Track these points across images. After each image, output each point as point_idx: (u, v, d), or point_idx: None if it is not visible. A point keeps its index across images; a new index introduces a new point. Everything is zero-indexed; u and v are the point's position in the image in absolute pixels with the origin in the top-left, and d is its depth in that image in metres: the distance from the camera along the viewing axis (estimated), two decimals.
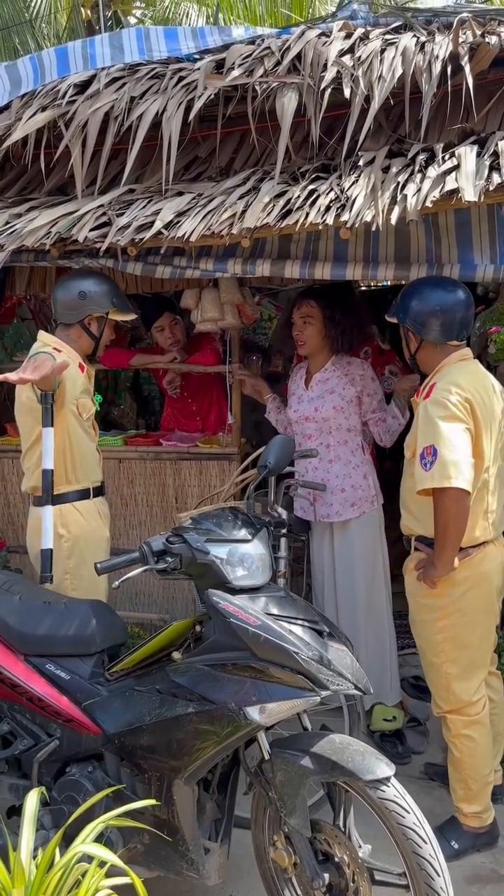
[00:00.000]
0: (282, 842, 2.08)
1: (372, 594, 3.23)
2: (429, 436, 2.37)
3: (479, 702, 2.58)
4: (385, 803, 1.90)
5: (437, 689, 2.61)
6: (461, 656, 2.54)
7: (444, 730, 2.64)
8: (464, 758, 2.57)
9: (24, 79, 3.51)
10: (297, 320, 3.18)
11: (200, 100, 3.02)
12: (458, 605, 2.50)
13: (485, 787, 2.60)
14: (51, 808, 2.25)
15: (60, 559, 2.79)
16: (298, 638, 2.01)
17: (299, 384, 3.30)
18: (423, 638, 2.62)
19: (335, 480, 3.19)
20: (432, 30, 3.10)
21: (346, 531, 3.23)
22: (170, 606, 3.89)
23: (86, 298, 2.83)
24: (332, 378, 3.19)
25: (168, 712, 2.08)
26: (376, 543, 3.27)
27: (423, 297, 2.54)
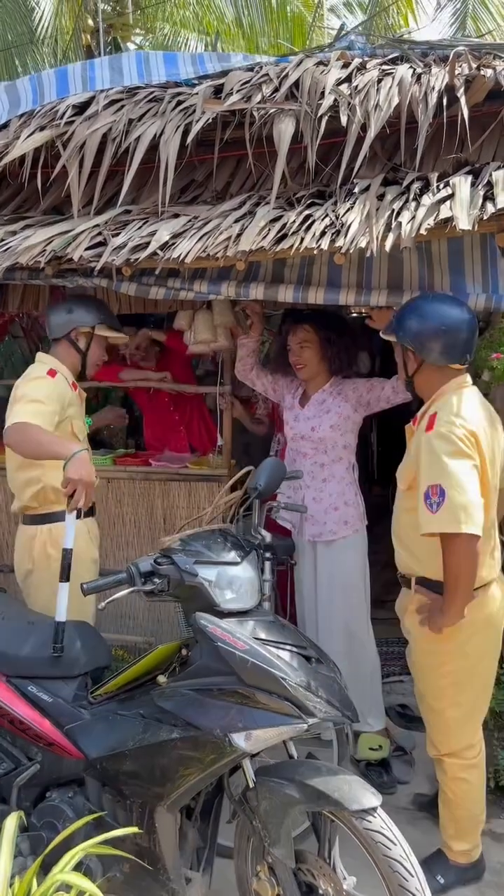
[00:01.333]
0: (265, 872, 2.03)
1: (354, 617, 3.21)
2: (434, 474, 2.21)
3: (477, 745, 2.52)
4: (371, 834, 1.86)
5: (436, 732, 2.53)
6: (464, 700, 2.44)
7: (438, 773, 2.58)
8: (457, 800, 2.51)
9: (24, 99, 3.54)
10: (295, 346, 3.19)
11: (198, 124, 3.05)
12: (463, 650, 2.38)
13: (476, 826, 2.56)
14: (29, 835, 2.21)
15: (48, 579, 2.74)
16: (286, 664, 1.99)
17: (294, 403, 3.30)
18: (425, 683, 2.51)
19: (329, 499, 3.18)
20: (429, 62, 3.16)
21: (330, 552, 3.21)
22: (155, 629, 3.85)
23: (72, 312, 2.92)
24: (328, 399, 3.20)
25: (152, 737, 2.04)
26: (360, 567, 3.25)
27: (425, 314, 2.36)
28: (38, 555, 2.84)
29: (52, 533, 2.81)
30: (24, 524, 2.90)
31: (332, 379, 3.23)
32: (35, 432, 2.58)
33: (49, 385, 2.78)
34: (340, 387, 3.21)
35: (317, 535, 3.22)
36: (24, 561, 2.87)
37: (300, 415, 3.25)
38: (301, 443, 3.23)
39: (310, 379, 3.24)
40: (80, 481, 2.43)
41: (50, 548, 2.79)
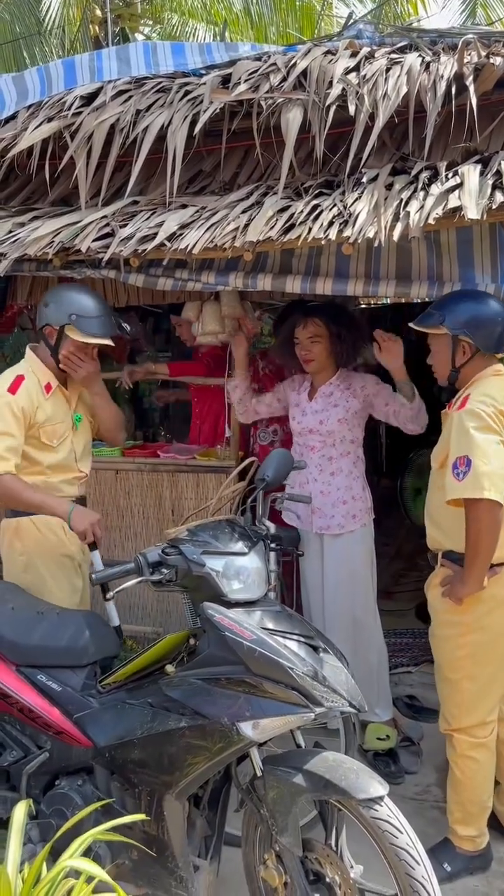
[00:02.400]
0: (272, 860, 2.05)
1: (361, 609, 3.22)
2: (462, 446, 2.34)
3: (490, 724, 2.54)
4: (378, 823, 1.87)
5: (450, 705, 2.57)
6: (480, 674, 2.50)
7: (448, 749, 2.61)
8: (465, 779, 2.54)
9: (31, 90, 3.53)
10: (304, 340, 3.16)
11: (206, 114, 3.04)
12: (482, 622, 2.46)
13: (482, 811, 2.57)
14: (39, 822, 2.23)
15: (16, 572, 2.75)
16: (293, 653, 2.00)
17: (303, 396, 3.29)
18: (442, 653, 2.58)
19: (337, 493, 3.19)
20: (437, 50, 3.13)
21: (337, 545, 3.22)
22: (164, 619, 3.87)
23: (47, 307, 2.73)
24: (335, 391, 3.19)
25: (160, 726, 2.06)
26: (368, 559, 3.26)
27: (480, 305, 2.50)
28: (5, 549, 2.80)
29: (18, 526, 2.77)
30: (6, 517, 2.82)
31: (339, 371, 3.23)
32: (17, 490, 2.60)
33: (8, 406, 2.63)
34: (348, 381, 3.21)
35: (324, 528, 3.22)
36: (6, 552, 2.81)
37: (308, 408, 3.24)
38: (309, 436, 3.23)
39: (316, 372, 3.23)
40: (90, 527, 2.60)
41: (16, 541, 2.77)
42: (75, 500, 2.84)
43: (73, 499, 2.83)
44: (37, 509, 2.66)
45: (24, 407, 2.66)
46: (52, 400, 2.78)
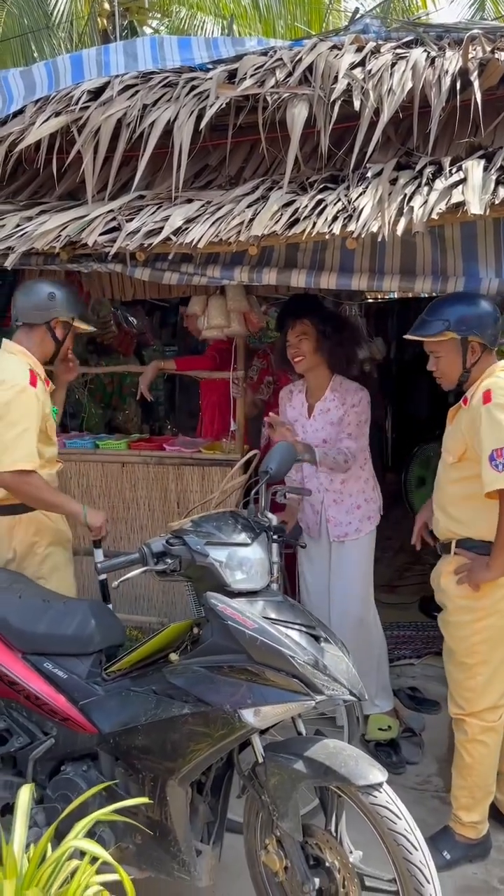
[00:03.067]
0: (273, 845, 2.08)
1: (362, 604, 3.27)
2: (499, 438, 2.38)
3: (500, 708, 2.59)
4: (377, 809, 1.90)
5: (462, 690, 2.61)
6: (494, 658, 2.55)
7: (457, 734, 2.65)
8: (475, 763, 2.58)
9: (39, 84, 3.56)
10: (293, 339, 3.19)
11: (212, 109, 3.06)
12: (498, 607, 2.52)
13: (487, 796, 2.62)
14: (44, 806, 2.27)
15: (34, 564, 2.83)
16: (295, 642, 2.03)
17: (301, 412, 3.31)
18: (457, 639, 2.62)
19: (350, 499, 3.22)
20: (443, 45, 3.14)
21: (346, 549, 3.26)
22: (169, 610, 3.90)
23: (54, 300, 2.79)
24: (332, 407, 3.22)
25: (164, 713, 2.09)
26: (370, 556, 3.31)
27: (479, 304, 2.57)
28: (20, 543, 2.83)
29: (34, 521, 2.83)
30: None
31: (332, 382, 3.24)
32: (38, 489, 2.72)
33: (32, 400, 2.71)
34: (343, 395, 3.21)
35: (341, 536, 3.25)
36: (4, 551, 2.83)
37: (308, 426, 3.27)
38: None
39: (308, 373, 3.25)
40: (103, 524, 2.85)
41: (34, 535, 2.84)
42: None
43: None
44: (56, 509, 2.80)
45: (41, 399, 2.76)
46: (47, 394, 2.88)
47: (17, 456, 2.64)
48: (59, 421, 3.12)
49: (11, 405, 2.66)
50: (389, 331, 7.07)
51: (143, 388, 4.06)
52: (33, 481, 2.69)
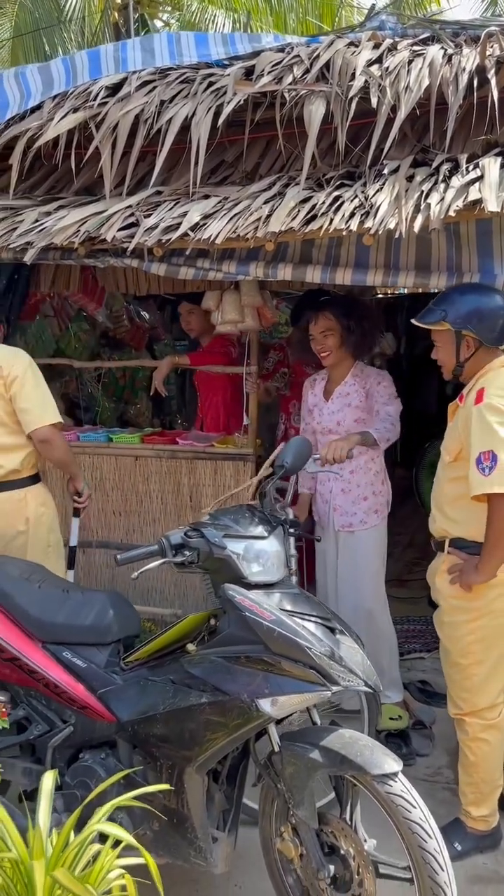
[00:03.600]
0: (289, 833, 2.12)
1: (373, 598, 3.29)
2: (486, 441, 2.37)
3: (499, 706, 2.60)
4: (392, 798, 1.94)
5: (459, 690, 2.63)
6: (489, 658, 2.55)
7: (459, 733, 2.66)
8: (478, 761, 2.59)
9: (57, 79, 3.58)
10: (317, 335, 3.21)
11: (229, 105, 3.08)
12: (491, 607, 2.51)
13: (494, 791, 2.64)
14: (63, 793, 2.30)
15: (44, 534, 3.02)
16: (311, 634, 2.06)
17: (319, 396, 3.34)
18: (451, 639, 2.62)
19: (357, 490, 3.24)
20: (459, 42, 3.15)
21: (353, 540, 3.28)
22: (182, 602, 3.94)
23: None
24: (351, 391, 3.24)
25: (181, 702, 2.12)
26: (381, 550, 3.33)
27: (481, 300, 2.54)
28: (33, 512, 3.01)
29: (41, 492, 3.09)
30: (3, 492, 2.99)
31: (354, 367, 3.27)
32: (66, 442, 3.12)
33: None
34: (364, 378, 3.24)
35: (346, 526, 3.27)
36: (16, 523, 2.99)
37: (325, 408, 3.29)
38: (328, 437, 3.25)
39: (334, 365, 3.27)
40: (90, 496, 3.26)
41: (41, 506, 3.05)
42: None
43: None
44: (70, 465, 3.13)
45: None
46: None
47: (53, 410, 2.96)
48: None
49: (30, 368, 2.95)
50: (399, 326, 7.08)
51: (157, 383, 4.09)
52: (63, 434, 3.04)
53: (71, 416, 5.06)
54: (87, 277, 4.25)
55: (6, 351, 3.01)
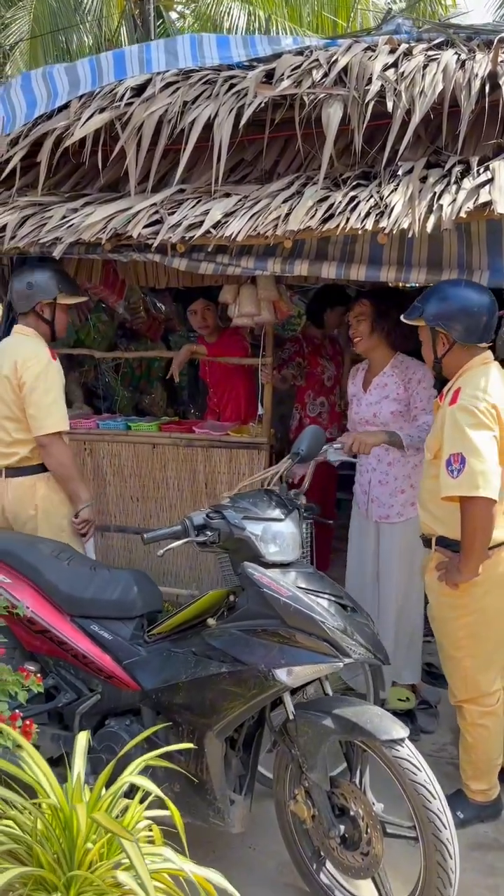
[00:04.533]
0: (302, 796, 2.27)
1: (409, 586, 3.34)
2: (456, 443, 2.41)
3: (495, 693, 2.71)
4: (399, 761, 2.08)
5: (455, 680, 2.74)
6: (480, 651, 2.64)
7: (459, 718, 2.79)
8: (476, 744, 2.72)
9: (83, 80, 3.70)
10: (352, 320, 3.30)
11: (250, 108, 3.20)
12: (479, 604, 2.58)
13: (492, 769, 2.77)
14: (90, 757, 2.45)
15: (57, 518, 3.17)
16: (325, 609, 2.20)
17: (358, 386, 3.40)
18: (443, 633, 2.72)
19: (395, 482, 3.28)
20: (473, 47, 3.26)
21: (394, 532, 3.32)
22: (197, 584, 4.08)
23: (33, 288, 3.14)
24: (389, 383, 3.27)
25: (203, 671, 2.27)
26: (418, 540, 3.37)
27: (455, 298, 2.57)
28: (42, 499, 3.16)
29: (50, 479, 3.17)
30: (16, 477, 3.16)
31: (393, 359, 3.29)
32: (68, 453, 3.16)
33: (58, 370, 3.16)
34: (404, 371, 3.26)
35: (383, 518, 3.33)
36: (27, 507, 3.15)
37: (363, 399, 3.34)
38: (365, 427, 3.32)
39: (367, 353, 3.33)
40: (91, 522, 3.23)
41: (51, 491, 3.16)
42: None
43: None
44: (70, 481, 3.15)
45: (60, 372, 3.15)
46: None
47: (56, 419, 3.05)
48: None
49: (41, 376, 3.05)
50: None
51: (174, 369, 4.24)
52: (65, 443, 3.09)
53: (90, 405, 5.19)
54: (108, 271, 4.37)
55: (27, 350, 3.13)
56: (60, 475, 3.14)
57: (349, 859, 2.22)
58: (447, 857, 2.04)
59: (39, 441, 3.08)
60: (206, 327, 4.39)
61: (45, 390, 3.06)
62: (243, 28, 10.84)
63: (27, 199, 3.58)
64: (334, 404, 4.53)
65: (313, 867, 2.37)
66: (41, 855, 1.69)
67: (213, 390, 4.73)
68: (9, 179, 3.72)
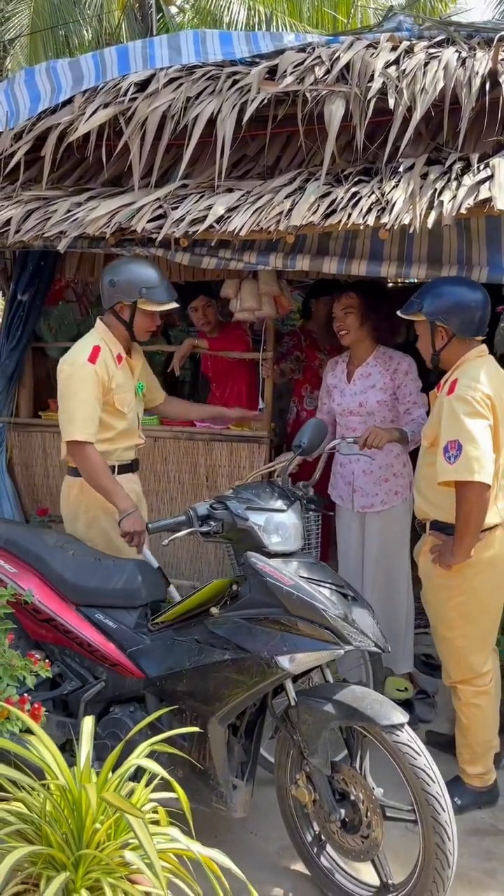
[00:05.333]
0: (303, 780, 2.32)
1: (397, 577, 3.39)
2: (453, 431, 2.53)
3: (488, 673, 2.78)
4: (399, 746, 2.13)
5: (448, 661, 2.82)
6: (472, 631, 2.73)
7: (454, 699, 2.86)
8: (471, 724, 2.78)
9: (87, 75, 3.73)
10: (339, 312, 3.32)
11: (253, 104, 3.23)
12: (471, 584, 2.68)
13: (488, 751, 2.83)
14: (95, 743, 2.48)
15: (83, 527, 3.01)
16: (326, 598, 2.25)
17: (341, 378, 3.43)
18: (437, 615, 2.81)
19: (379, 471, 3.32)
20: (473, 45, 3.29)
21: (378, 521, 3.36)
22: (198, 576, 4.12)
23: (114, 287, 2.95)
24: (374, 373, 3.31)
25: (206, 659, 2.32)
26: (406, 531, 3.39)
27: (454, 293, 2.68)
28: (72, 502, 3.06)
29: (86, 485, 2.97)
30: (66, 474, 3.13)
31: (376, 351, 3.34)
32: (92, 464, 2.87)
33: (89, 375, 2.88)
34: (387, 361, 3.31)
35: (367, 507, 3.36)
36: (67, 507, 3.10)
37: (346, 390, 3.37)
38: (350, 418, 3.36)
39: (353, 346, 3.37)
40: (134, 532, 2.85)
41: (80, 497, 3.02)
42: (130, 463, 3.16)
43: (126, 461, 3.12)
44: (103, 491, 2.90)
45: (102, 376, 2.92)
46: (122, 370, 3.04)
47: (75, 427, 2.86)
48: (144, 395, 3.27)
49: (70, 380, 2.89)
50: None
51: (176, 362, 4.27)
52: (88, 454, 2.86)
53: None
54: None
55: (73, 349, 2.99)
56: (90, 485, 2.93)
57: (349, 843, 2.27)
58: (446, 840, 2.09)
59: (66, 448, 2.94)
60: (208, 324, 4.41)
61: (71, 394, 2.89)
62: (243, 23, 10.86)
63: (31, 194, 3.60)
64: None
65: (314, 851, 2.42)
66: (50, 835, 1.73)
67: (215, 384, 4.76)
68: (13, 174, 3.74)
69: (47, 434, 4.33)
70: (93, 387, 2.89)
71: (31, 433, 4.35)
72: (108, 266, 3.08)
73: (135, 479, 3.23)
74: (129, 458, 3.15)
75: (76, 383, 2.88)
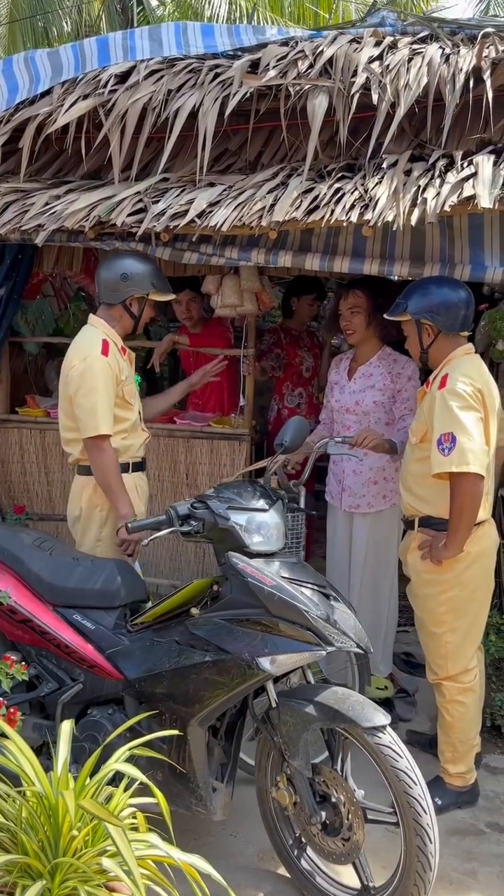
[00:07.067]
0: (284, 783, 2.29)
1: (382, 579, 3.37)
2: (447, 423, 2.56)
3: (473, 670, 2.80)
4: (381, 748, 2.11)
5: (435, 657, 2.81)
6: (461, 626, 2.74)
7: (437, 697, 2.85)
8: (455, 722, 2.78)
9: (66, 66, 3.66)
10: (345, 311, 3.28)
11: (235, 98, 3.19)
12: (460, 578, 2.70)
13: (470, 750, 2.83)
14: (73, 746, 2.44)
15: (94, 527, 2.97)
16: (308, 599, 2.22)
17: (342, 374, 3.40)
18: (425, 610, 2.81)
19: (368, 473, 3.29)
20: (457, 41, 3.27)
21: (366, 523, 3.34)
22: (178, 575, 4.08)
23: (127, 280, 2.91)
24: (375, 373, 3.28)
25: (186, 660, 2.28)
26: (394, 535, 3.38)
27: (439, 291, 2.72)
28: (86, 502, 3.00)
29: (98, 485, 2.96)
30: (77, 474, 3.07)
31: (381, 351, 3.31)
32: (108, 458, 2.87)
33: (104, 368, 2.87)
34: (391, 363, 3.28)
35: (354, 507, 3.34)
36: (74, 507, 3.05)
37: (346, 387, 3.35)
38: (346, 415, 3.34)
39: (359, 344, 3.33)
40: (129, 541, 2.88)
41: (96, 498, 2.97)
42: (141, 461, 3.15)
43: (137, 459, 3.11)
44: (111, 493, 2.89)
45: (115, 369, 2.91)
46: (127, 362, 3.03)
47: (96, 422, 2.83)
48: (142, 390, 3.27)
49: (85, 376, 2.85)
50: None
51: (155, 359, 4.23)
52: (106, 448, 2.87)
53: None
54: (89, 259, 4.34)
55: (79, 344, 2.95)
56: (100, 482, 2.92)
57: (330, 845, 2.25)
58: (427, 842, 2.07)
59: (85, 444, 2.91)
60: (190, 318, 4.36)
61: (88, 390, 2.84)
62: (224, 18, 10.78)
63: (9, 186, 3.54)
64: (312, 395, 4.55)
65: (294, 853, 2.40)
66: (26, 842, 1.69)
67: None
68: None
69: (24, 430, 4.26)
70: (110, 380, 2.88)
71: (8, 429, 4.28)
72: (110, 261, 3.00)
73: (144, 478, 3.21)
74: (142, 456, 3.15)
75: (95, 377, 2.84)
